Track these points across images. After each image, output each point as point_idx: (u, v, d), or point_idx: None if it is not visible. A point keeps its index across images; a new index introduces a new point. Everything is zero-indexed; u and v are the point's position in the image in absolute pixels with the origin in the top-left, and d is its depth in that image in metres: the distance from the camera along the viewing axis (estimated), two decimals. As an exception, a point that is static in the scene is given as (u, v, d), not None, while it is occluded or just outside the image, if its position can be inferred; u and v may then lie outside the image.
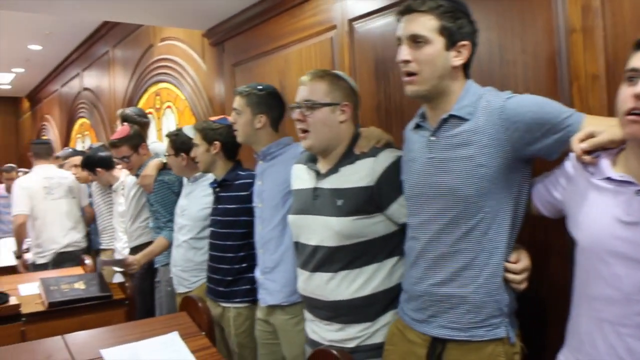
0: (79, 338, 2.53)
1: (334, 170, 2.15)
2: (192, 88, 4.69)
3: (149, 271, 3.68)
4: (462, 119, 1.76)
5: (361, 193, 2.04)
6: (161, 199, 3.51)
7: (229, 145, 2.98)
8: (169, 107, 5.25)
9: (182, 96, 4.93)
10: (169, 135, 3.39)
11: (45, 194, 4.63)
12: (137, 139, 3.71)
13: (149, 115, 4.67)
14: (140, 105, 5.71)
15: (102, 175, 4.29)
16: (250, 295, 2.83)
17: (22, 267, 4.61)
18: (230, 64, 4.12)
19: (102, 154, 4.31)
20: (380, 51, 2.83)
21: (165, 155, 3.42)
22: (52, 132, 9.57)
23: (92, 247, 4.87)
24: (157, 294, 3.66)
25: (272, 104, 2.70)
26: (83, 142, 7.78)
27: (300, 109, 2.16)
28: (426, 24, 1.75)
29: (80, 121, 8.06)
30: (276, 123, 2.72)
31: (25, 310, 3.11)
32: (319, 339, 2.21)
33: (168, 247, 3.45)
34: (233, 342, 2.89)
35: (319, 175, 2.20)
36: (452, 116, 1.78)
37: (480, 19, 1.89)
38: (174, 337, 2.55)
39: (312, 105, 2.13)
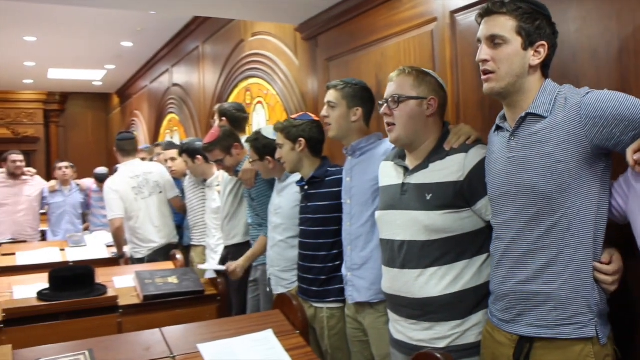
0: (176, 331, 2.55)
1: (423, 165, 2.18)
2: (283, 83, 4.67)
3: (246, 270, 3.66)
4: (539, 117, 1.81)
5: (450, 187, 2.08)
6: (261, 194, 3.48)
7: (314, 141, 2.97)
8: (259, 102, 5.26)
9: (273, 91, 4.91)
10: (248, 141, 3.38)
11: (135, 194, 4.70)
12: (227, 141, 3.68)
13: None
14: (231, 100, 5.74)
15: (200, 165, 4.26)
16: (343, 294, 2.79)
17: (125, 264, 4.72)
18: (324, 58, 4.06)
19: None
20: (485, 44, 2.71)
21: (249, 162, 3.39)
22: (141, 128, 9.83)
23: (183, 242, 4.92)
24: (252, 293, 3.64)
25: (366, 98, 2.73)
26: (172, 137, 7.92)
27: (387, 104, 2.23)
28: (505, 25, 1.83)
29: (169, 117, 8.22)
30: (368, 118, 2.74)
31: (122, 302, 3.16)
32: (406, 339, 2.21)
33: None
34: (326, 344, 2.83)
35: (407, 171, 2.23)
36: (529, 114, 1.83)
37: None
38: (268, 335, 2.54)
39: (399, 99, 2.20)
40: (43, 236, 6.72)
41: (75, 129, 13.14)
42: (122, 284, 3.61)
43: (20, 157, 6.37)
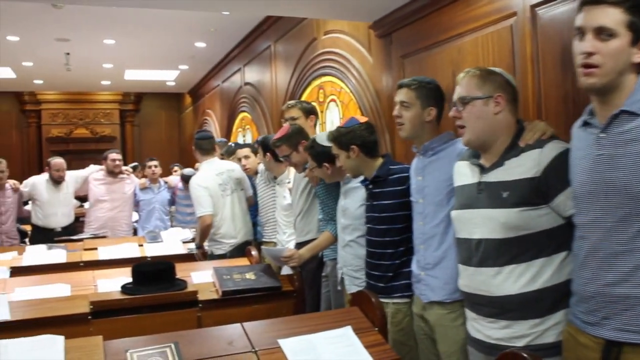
0: (256, 327, 2.58)
1: (498, 163, 2.16)
2: (357, 81, 4.67)
3: (320, 266, 3.68)
4: (634, 115, 1.72)
5: (527, 184, 2.05)
6: (328, 191, 3.50)
7: (367, 145, 2.95)
8: (332, 100, 5.28)
9: (347, 89, 4.92)
10: (306, 149, 3.41)
11: (222, 191, 4.78)
12: (295, 138, 3.70)
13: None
14: (303, 99, 5.79)
15: (268, 161, 4.29)
16: (409, 290, 2.79)
17: (201, 257, 4.82)
18: (399, 55, 4.04)
19: None
20: (567, 39, 2.62)
21: (309, 169, 3.42)
22: (213, 126, 10.02)
23: (256, 238, 5.00)
24: (324, 288, 3.67)
25: (439, 98, 2.70)
26: (244, 135, 8.06)
27: (455, 107, 2.23)
28: (615, 17, 1.72)
29: (241, 115, 8.35)
30: (440, 117, 2.71)
31: (201, 297, 3.23)
32: (484, 338, 2.19)
33: (333, 241, 3.44)
34: (390, 339, 2.82)
35: (483, 170, 2.21)
36: (623, 112, 1.74)
37: None
38: (347, 332, 2.54)
39: (465, 101, 2.19)
40: (134, 232, 6.94)
41: (149, 128, 13.56)
42: (199, 279, 3.67)
43: (119, 156, 6.62)
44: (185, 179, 6.63)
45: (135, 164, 7.15)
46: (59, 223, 6.32)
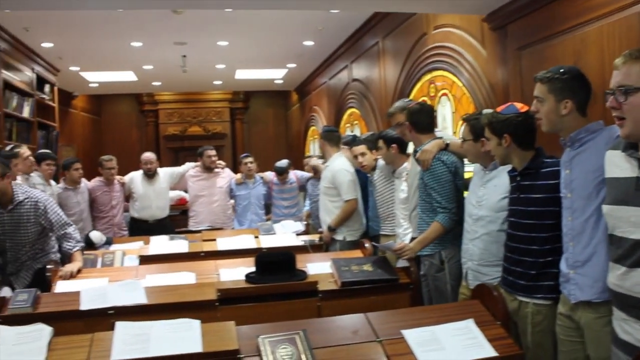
0: (379, 317, 2.65)
1: None
2: (470, 75, 4.63)
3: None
4: None
5: None
6: (437, 177, 3.45)
7: (521, 136, 2.77)
8: (444, 94, 5.26)
9: (459, 83, 4.89)
10: (467, 119, 3.25)
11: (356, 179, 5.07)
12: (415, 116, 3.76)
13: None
14: (413, 94, 5.80)
15: (394, 153, 4.33)
16: (554, 292, 2.62)
17: (329, 240, 5.09)
18: (514, 48, 3.97)
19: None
20: None
21: (462, 140, 3.29)
22: (320, 123, 10.18)
23: (368, 232, 5.08)
24: (424, 287, 3.65)
25: (577, 88, 2.47)
26: (352, 131, 8.14)
27: (613, 96, 1.98)
28: None
29: (349, 111, 8.45)
30: (583, 107, 2.49)
31: (321, 287, 3.33)
32: (634, 341, 2.03)
33: (444, 232, 3.41)
34: (528, 340, 2.71)
35: None
36: None
37: None
38: (469, 325, 2.55)
39: (627, 91, 1.94)
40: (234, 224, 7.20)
41: (258, 125, 13.99)
42: (315, 270, 3.75)
43: (214, 152, 6.92)
44: (279, 171, 6.82)
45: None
46: (153, 216, 6.65)
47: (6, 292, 3.21)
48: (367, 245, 4.27)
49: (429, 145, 3.56)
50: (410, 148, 4.21)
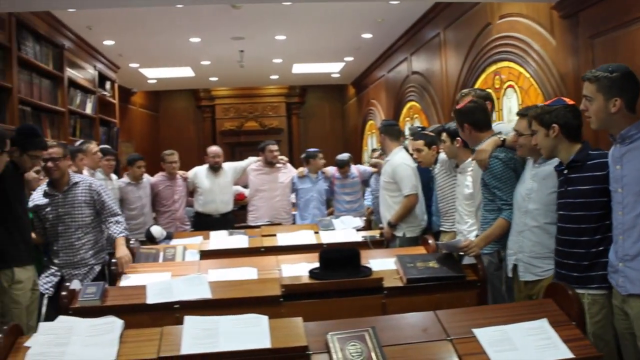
0: (449, 315, 2.58)
1: None
2: (538, 65, 4.47)
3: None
4: None
5: None
6: (497, 176, 3.37)
7: (569, 127, 2.83)
8: (510, 86, 5.11)
9: (526, 74, 4.74)
10: (523, 114, 3.21)
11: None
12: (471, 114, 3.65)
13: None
14: (477, 85, 5.65)
15: (458, 147, 4.22)
16: (607, 281, 2.65)
17: (390, 237, 5.02)
18: (587, 36, 3.81)
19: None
20: None
21: (517, 133, 3.24)
22: (378, 116, 10.09)
23: (430, 228, 4.98)
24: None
25: (626, 86, 2.51)
26: (412, 124, 8.02)
27: None
28: None
29: (408, 104, 8.33)
30: (632, 105, 2.52)
31: (386, 284, 3.26)
32: None
33: (508, 228, 3.32)
34: (589, 334, 2.67)
35: None
36: None
37: None
38: (543, 324, 2.47)
39: None
40: (292, 220, 7.21)
41: (314, 119, 13.99)
42: (377, 266, 3.69)
43: (276, 147, 6.93)
44: (340, 165, 6.78)
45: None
46: (217, 210, 6.69)
47: (76, 284, 3.26)
48: (430, 241, 4.19)
49: (484, 144, 3.52)
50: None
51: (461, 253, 3.51)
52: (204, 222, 6.53)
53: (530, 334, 2.41)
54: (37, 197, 4.12)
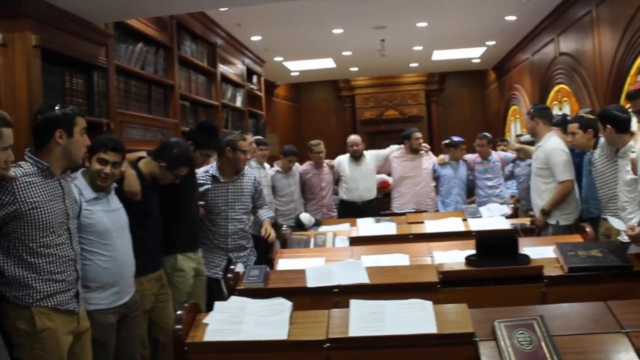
0: (622, 306, 2.48)
1: None
2: None
3: None
4: None
5: None
6: None
7: None
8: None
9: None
10: None
11: None
12: None
13: None
14: (636, 66, 5.30)
15: (610, 134, 3.98)
16: None
17: (542, 224, 4.87)
18: None
19: None
20: None
21: None
22: (522, 101, 9.74)
23: (582, 216, 4.78)
24: None
25: None
26: (560, 109, 7.68)
27: None
28: None
29: (556, 88, 7.96)
30: None
31: (546, 272, 3.18)
32: None
33: None
34: None
35: None
36: None
37: None
38: None
39: None
40: (436, 207, 7.18)
41: (453, 106, 13.78)
42: (533, 254, 3.59)
43: (420, 134, 6.94)
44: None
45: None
46: (361, 197, 6.76)
47: (240, 267, 3.47)
48: (587, 229, 4.03)
49: None
50: (634, 125, 3.90)
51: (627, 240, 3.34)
52: (348, 209, 6.66)
53: None
54: (202, 180, 4.31)
